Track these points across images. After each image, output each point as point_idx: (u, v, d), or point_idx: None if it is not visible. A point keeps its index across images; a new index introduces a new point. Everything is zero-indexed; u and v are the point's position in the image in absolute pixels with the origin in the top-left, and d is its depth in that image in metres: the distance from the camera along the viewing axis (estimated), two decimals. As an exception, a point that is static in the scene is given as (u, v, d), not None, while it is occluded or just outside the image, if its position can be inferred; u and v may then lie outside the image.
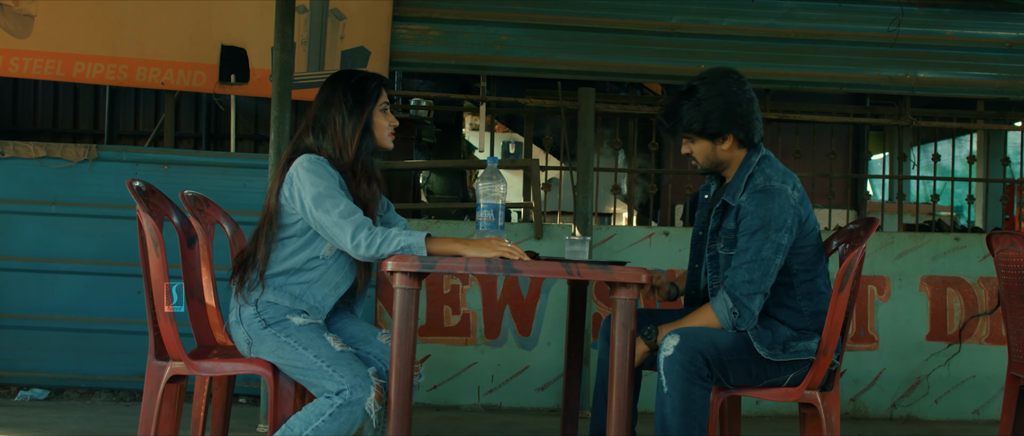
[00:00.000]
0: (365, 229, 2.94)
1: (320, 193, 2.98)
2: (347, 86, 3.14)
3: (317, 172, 3.01)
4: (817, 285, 3.21)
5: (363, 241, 2.92)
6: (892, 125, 6.44)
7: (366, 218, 2.97)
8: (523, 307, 5.43)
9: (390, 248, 2.91)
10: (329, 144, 3.11)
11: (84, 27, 5.63)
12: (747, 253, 3.10)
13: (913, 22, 5.81)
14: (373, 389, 2.89)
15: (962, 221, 10.59)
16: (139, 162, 5.27)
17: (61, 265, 5.22)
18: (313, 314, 3.07)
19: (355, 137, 3.11)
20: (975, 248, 5.58)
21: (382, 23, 5.73)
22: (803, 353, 3.12)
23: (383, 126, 3.17)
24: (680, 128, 3.26)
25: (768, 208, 3.10)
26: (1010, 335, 3.65)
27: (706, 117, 3.20)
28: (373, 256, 2.95)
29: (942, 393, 5.54)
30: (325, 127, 3.12)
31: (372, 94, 3.14)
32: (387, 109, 3.19)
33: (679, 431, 2.95)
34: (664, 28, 5.83)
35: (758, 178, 3.17)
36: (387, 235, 2.92)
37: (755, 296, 3.09)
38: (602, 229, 5.57)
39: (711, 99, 3.20)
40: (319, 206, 2.98)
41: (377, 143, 3.18)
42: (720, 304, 3.11)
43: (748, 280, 3.08)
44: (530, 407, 5.42)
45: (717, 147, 3.24)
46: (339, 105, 3.12)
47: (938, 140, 6.97)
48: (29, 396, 5.16)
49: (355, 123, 3.11)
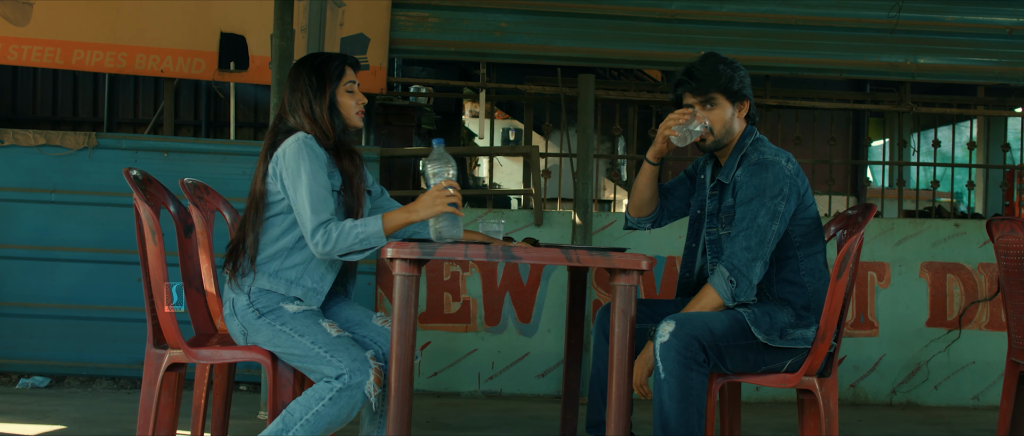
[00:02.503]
0: (322, 227, 2.95)
1: (300, 174, 2.99)
2: (310, 68, 3.17)
3: (301, 154, 3.01)
4: (818, 261, 3.24)
5: (320, 239, 2.95)
6: (892, 111, 6.43)
7: (330, 216, 2.97)
8: (523, 294, 5.43)
9: (347, 241, 2.95)
10: (309, 124, 3.12)
11: (83, 15, 5.62)
12: (743, 221, 3.13)
13: (913, 8, 5.80)
14: (372, 372, 2.90)
15: (962, 207, 10.60)
16: (139, 150, 5.27)
17: (61, 253, 5.22)
18: (309, 299, 3.07)
19: (325, 116, 3.12)
20: (975, 234, 5.58)
21: (381, 10, 5.72)
22: (800, 342, 3.13)
23: (349, 105, 3.18)
24: (709, 83, 3.24)
25: (763, 177, 3.13)
26: (1010, 321, 3.65)
27: (738, 78, 3.25)
28: (329, 253, 2.97)
29: (942, 379, 5.55)
30: (298, 109, 3.14)
31: (334, 74, 3.16)
32: (354, 88, 3.20)
33: (677, 417, 2.96)
34: (664, 14, 5.82)
35: (752, 154, 3.22)
36: (342, 229, 2.95)
37: (754, 263, 3.10)
38: (602, 216, 5.57)
39: (739, 68, 3.28)
40: (296, 189, 3.00)
41: (346, 122, 3.19)
42: (718, 277, 3.12)
43: (745, 247, 3.10)
44: (531, 394, 5.43)
45: (736, 113, 3.28)
46: (305, 88, 3.14)
47: (938, 126, 6.95)
48: (30, 384, 5.17)
49: (321, 103, 3.13)
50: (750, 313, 3.12)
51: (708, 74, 3.24)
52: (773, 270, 3.20)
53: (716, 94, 3.24)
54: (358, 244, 2.95)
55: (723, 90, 3.24)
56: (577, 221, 5.34)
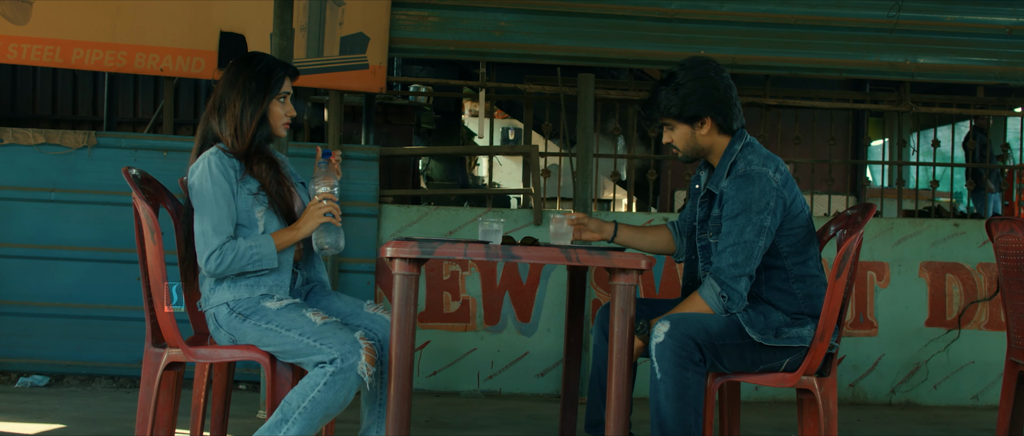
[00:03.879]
0: (218, 251, 2.98)
1: (203, 199, 3.04)
2: (252, 72, 3.17)
3: (205, 178, 3.04)
4: (809, 268, 3.23)
5: (214, 262, 2.99)
6: (892, 111, 6.43)
7: (227, 238, 3.00)
8: (523, 293, 5.43)
9: (240, 263, 3.00)
10: (227, 128, 3.13)
11: (82, 14, 5.61)
12: (730, 236, 3.13)
13: (913, 8, 5.79)
14: (363, 352, 2.90)
15: (961, 207, 10.59)
16: (138, 149, 5.27)
17: (60, 252, 5.21)
18: (278, 290, 3.09)
19: (252, 124, 3.13)
20: (974, 234, 5.58)
21: (381, 8, 5.71)
22: (795, 340, 3.14)
23: (278, 115, 3.20)
24: (658, 114, 3.30)
25: (748, 192, 3.13)
26: (1009, 321, 3.65)
27: (684, 100, 3.24)
28: (218, 273, 3.01)
29: (941, 379, 5.55)
30: (226, 108, 3.14)
31: (275, 84, 3.16)
32: (287, 98, 3.21)
33: (674, 416, 2.96)
34: (664, 13, 5.81)
35: (739, 164, 3.22)
36: (236, 251, 2.99)
37: (740, 278, 3.12)
38: (602, 215, 5.56)
39: (689, 83, 3.25)
40: (199, 212, 3.05)
41: (272, 132, 3.21)
42: (708, 290, 3.14)
43: (732, 263, 3.11)
44: (530, 393, 5.43)
45: (696, 132, 3.28)
46: (241, 89, 3.15)
47: (938, 126, 6.95)
48: (29, 382, 5.17)
49: (254, 110, 3.14)
50: (744, 315, 3.14)
51: (651, 104, 3.32)
52: (762, 278, 3.21)
53: (664, 120, 3.31)
54: (250, 265, 3.02)
55: (668, 116, 3.28)
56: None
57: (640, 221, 5.51)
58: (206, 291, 3.11)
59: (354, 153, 5.43)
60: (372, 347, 2.95)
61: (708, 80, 3.25)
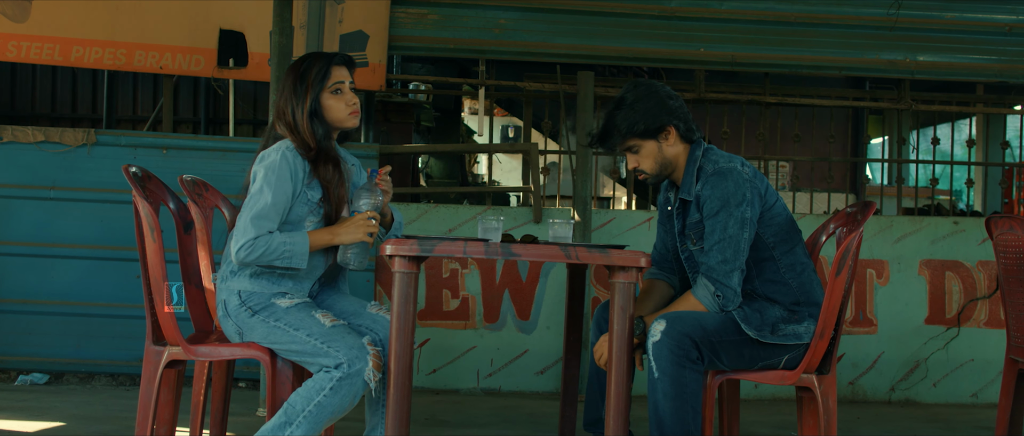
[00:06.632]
0: (250, 242, 2.95)
1: (261, 186, 3.00)
2: (294, 72, 3.14)
3: (272, 167, 3.01)
4: (798, 256, 3.25)
5: (244, 250, 2.95)
6: (891, 109, 6.44)
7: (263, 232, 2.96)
8: (522, 291, 5.43)
9: (270, 257, 2.96)
10: (288, 132, 3.11)
11: (82, 11, 5.61)
12: (714, 234, 3.15)
13: (912, 5, 5.79)
14: (370, 358, 2.90)
15: (961, 205, 10.59)
16: (138, 147, 5.26)
17: (60, 250, 5.21)
18: (296, 293, 3.08)
19: (305, 124, 3.09)
20: (974, 232, 5.58)
21: (380, 6, 5.71)
22: (791, 338, 3.14)
23: (337, 108, 3.13)
24: (620, 137, 3.28)
25: (724, 187, 3.15)
26: (1009, 319, 3.65)
27: (645, 115, 3.24)
28: (246, 262, 2.98)
29: (941, 376, 5.55)
30: (282, 116, 3.13)
31: (317, 77, 3.10)
32: (343, 87, 3.14)
33: (672, 415, 2.97)
34: (663, 11, 5.81)
35: (707, 166, 3.23)
36: (269, 244, 2.95)
37: (732, 273, 3.13)
38: (601, 213, 5.57)
39: (642, 100, 3.26)
40: (250, 197, 3.02)
41: (332, 125, 3.15)
42: (702, 290, 3.15)
43: (721, 260, 3.13)
44: (529, 391, 5.43)
45: (662, 145, 3.28)
46: (289, 93, 3.12)
47: (937, 124, 6.96)
48: (29, 380, 5.17)
49: (301, 110, 3.09)
50: (740, 312, 3.15)
51: (609, 134, 3.29)
52: (754, 273, 3.22)
53: (629, 142, 3.28)
54: (280, 260, 2.98)
55: (631, 135, 3.26)
56: (576, 218, 5.34)
57: (640, 219, 5.52)
58: (226, 270, 3.08)
59: (354, 151, 5.42)
60: (379, 353, 2.94)
61: (658, 92, 3.27)
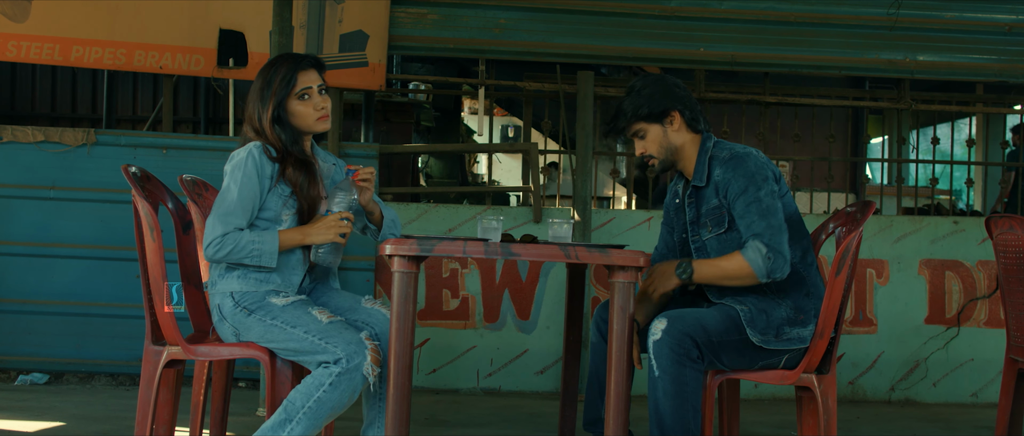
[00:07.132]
0: (219, 239, 2.96)
1: (228, 183, 3.02)
2: (262, 77, 3.13)
3: (238, 164, 3.02)
4: (806, 249, 3.25)
5: (212, 248, 2.97)
6: (891, 109, 6.44)
7: (232, 229, 2.97)
8: (522, 291, 5.43)
9: (239, 255, 2.97)
10: (254, 136, 3.12)
11: (82, 11, 5.60)
12: (751, 207, 3.10)
13: (912, 5, 5.79)
14: (369, 352, 2.90)
15: (961, 204, 10.59)
16: (137, 146, 5.26)
17: (60, 249, 5.21)
18: (286, 289, 3.08)
19: (268, 128, 3.09)
20: (974, 231, 5.58)
21: (380, 6, 5.71)
22: (796, 341, 3.13)
23: (303, 113, 3.12)
24: (626, 121, 3.30)
25: (746, 167, 3.15)
26: (1008, 318, 3.65)
27: (649, 100, 3.25)
28: (215, 260, 2.99)
29: (941, 376, 5.55)
30: (251, 120, 3.13)
31: (281, 83, 3.09)
32: (309, 94, 3.12)
33: (672, 414, 2.96)
34: (663, 11, 5.81)
35: (721, 153, 3.24)
36: (238, 242, 2.96)
37: (783, 239, 3.08)
38: (601, 213, 5.57)
39: (649, 87, 3.28)
40: (220, 195, 3.03)
41: (300, 130, 3.14)
42: (753, 252, 3.06)
43: (767, 225, 3.08)
44: (529, 390, 5.43)
45: (667, 129, 3.28)
46: (256, 97, 3.12)
47: (937, 124, 6.96)
48: (29, 380, 5.17)
49: (265, 114, 3.09)
50: (746, 311, 3.12)
51: (616, 118, 3.32)
52: None
53: (635, 126, 3.29)
54: (248, 258, 2.99)
55: (637, 119, 3.28)
56: (576, 218, 5.34)
57: (639, 218, 5.52)
58: (214, 275, 3.09)
59: (353, 150, 5.43)
60: (377, 348, 2.94)
61: (665, 80, 3.30)
